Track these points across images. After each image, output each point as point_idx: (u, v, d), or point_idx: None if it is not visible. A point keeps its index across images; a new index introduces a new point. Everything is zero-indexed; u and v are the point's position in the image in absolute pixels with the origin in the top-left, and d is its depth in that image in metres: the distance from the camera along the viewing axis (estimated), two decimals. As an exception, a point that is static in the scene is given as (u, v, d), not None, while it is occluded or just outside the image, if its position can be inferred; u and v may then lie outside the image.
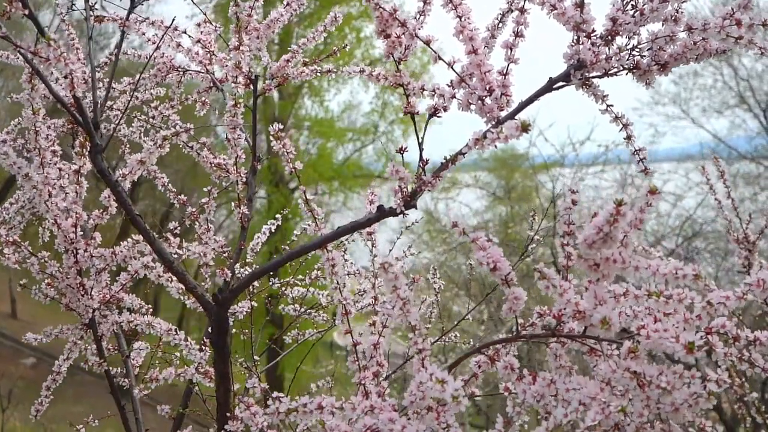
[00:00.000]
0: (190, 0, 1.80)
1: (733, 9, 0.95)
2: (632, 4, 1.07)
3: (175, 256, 1.59)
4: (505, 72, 1.08)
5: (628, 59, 1.03)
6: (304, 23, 14.00)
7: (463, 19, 1.08)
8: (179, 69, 1.57)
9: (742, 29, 0.97)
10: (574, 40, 1.00)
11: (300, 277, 2.30)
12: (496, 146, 0.90)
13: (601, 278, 0.94)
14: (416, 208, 1.10)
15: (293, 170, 1.15)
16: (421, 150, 1.13)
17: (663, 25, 1.06)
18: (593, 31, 1.02)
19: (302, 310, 2.23)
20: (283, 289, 2.26)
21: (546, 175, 10.81)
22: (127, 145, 1.80)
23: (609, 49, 1.03)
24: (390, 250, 2.44)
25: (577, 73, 0.99)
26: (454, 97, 1.09)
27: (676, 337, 0.85)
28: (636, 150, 1.06)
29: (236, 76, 1.29)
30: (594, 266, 0.94)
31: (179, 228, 1.78)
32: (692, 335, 0.84)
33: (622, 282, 0.99)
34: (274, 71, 1.50)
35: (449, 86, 1.13)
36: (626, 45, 1.03)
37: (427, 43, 1.07)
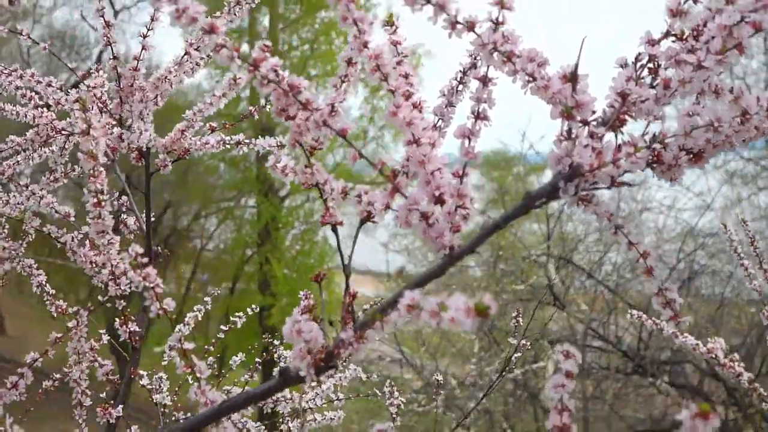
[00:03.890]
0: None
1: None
2: (650, 68, 0.72)
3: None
4: (462, 172, 0.72)
5: (650, 145, 0.67)
6: (289, 29, 13.66)
7: (397, 93, 0.73)
8: (62, 132, 1.22)
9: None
10: (564, 132, 0.64)
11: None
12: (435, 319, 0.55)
13: None
14: (338, 368, 0.74)
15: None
16: (347, 285, 0.78)
17: (698, 98, 0.71)
18: (593, 113, 0.67)
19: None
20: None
21: (544, 177, 10.48)
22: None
23: (617, 138, 0.68)
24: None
25: (570, 185, 0.64)
26: (389, 208, 0.73)
27: None
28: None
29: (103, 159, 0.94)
30: None
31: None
32: None
33: None
34: (167, 144, 1.15)
35: (401, 172, 0.78)
36: (643, 134, 0.68)
37: (343, 135, 0.71)
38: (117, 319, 1.10)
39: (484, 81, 0.72)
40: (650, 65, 0.71)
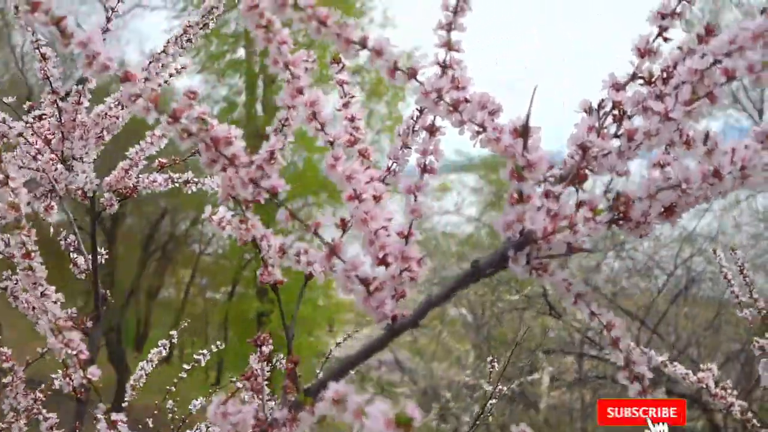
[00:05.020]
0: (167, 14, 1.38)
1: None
2: (614, 115, 0.65)
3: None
4: (407, 232, 0.65)
5: (611, 208, 0.60)
6: (285, 33, 13.58)
7: (336, 144, 0.66)
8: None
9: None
10: (514, 195, 0.57)
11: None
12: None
13: None
14: None
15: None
16: (290, 350, 0.71)
17: (667, 149, 0.63)
18: (550, 169, 0.60)
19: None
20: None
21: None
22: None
23: (578, 195, 0.60)
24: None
25: (520, 254, 0.57)
26: (332, 269, 0.66)
27: None
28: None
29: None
30: None
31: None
32: None
33: None
34: (111, 183, 1.09)
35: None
36: (605, 191, 0.61)
37: (273, 194, 0.64)
38: (60, 371, 1.02)
39: (431, 131, 0.65)
40: (615, 112, 0.64)
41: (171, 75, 1.22)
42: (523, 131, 0.56)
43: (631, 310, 5.78)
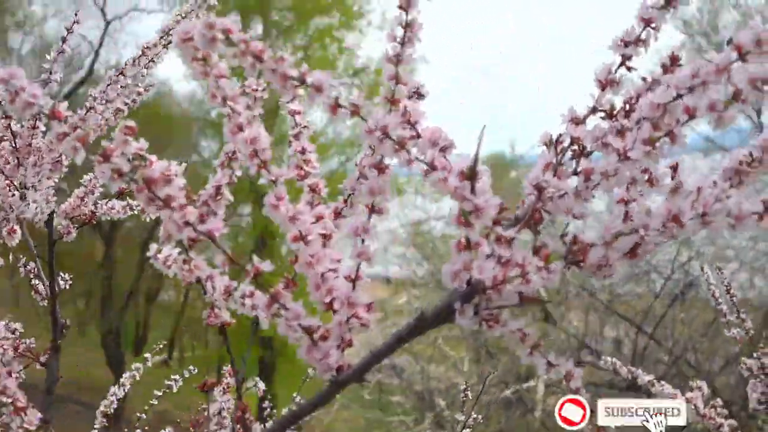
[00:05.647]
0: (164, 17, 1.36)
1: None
2: (574, 151, 0.61)
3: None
4: (355, 275, 0.62)
5: (566, 255, 0.56)
6: (283, 36, 13.57)
7: (279, 182, 0.62)
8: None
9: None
10: (462, 241, 0.53)
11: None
12: None
13: None
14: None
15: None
16: (240, 395, 0.67)
17: (629, 189, 0.60)
18: (503, 210, 0.56)
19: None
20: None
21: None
22: None
23: (536, 240, 0.57)
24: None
25: (467, 306, 0.53)
26: (275, 316, 0.62)
27: None
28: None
29: None
30: None
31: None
32: None
33: None
34: (68, 210, 1.05)
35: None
36: (562, 234, 0.57)
37: (210, 237, 0.60)
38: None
39: (380, 168, 0.61)
40: (574, 148, 0.60)
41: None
42: (470, 174, 0.52)
43: (628, 315, 5.74)
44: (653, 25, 0.66)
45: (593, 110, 0.61)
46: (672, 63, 0.61)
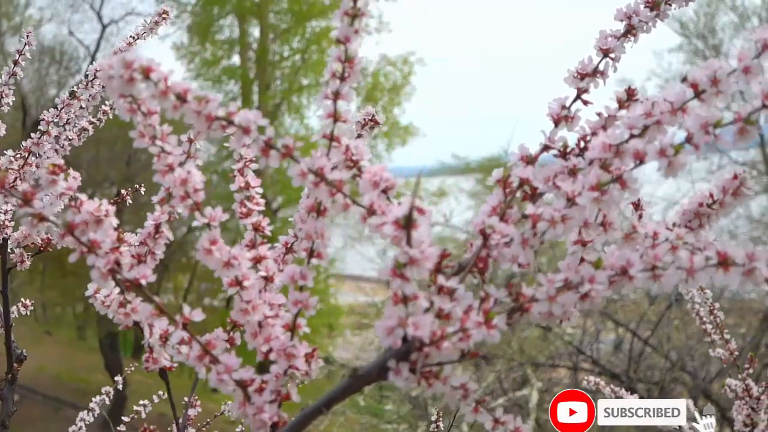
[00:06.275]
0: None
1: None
2: (525, 193, 0.57)
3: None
4: (293, 324, 0.58)
5: (514, 308, 0.53)
6: (280, 39, 13.54)
7: (213, 225, 0.58)
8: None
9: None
10: (398, 294, 0.50)
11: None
12: None
13: None
14: None
15: None
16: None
17: (580, 232, 0.56)
18: (446, 257, 0.53)
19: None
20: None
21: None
22: None
23: (481, 292, 0.53)
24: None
25: (403, 365, 0.49)
26: (208, 367, 0.59)
27: None
28: None
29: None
30: None
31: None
32: None
33: None
34: (20, 239, 1.02)
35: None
36: (508, 281, 0.54)
37: (136, 285, 0.56)
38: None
39: (318, 211, 0.58)
40: (525, 189, 0.56)
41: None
42: (406, 223, 0.49)
43: (623, 321, 5.69)
44: (612, 55, 0.62)
45: (545, 148, 0.58)
46: (628, 98, 0.58)
